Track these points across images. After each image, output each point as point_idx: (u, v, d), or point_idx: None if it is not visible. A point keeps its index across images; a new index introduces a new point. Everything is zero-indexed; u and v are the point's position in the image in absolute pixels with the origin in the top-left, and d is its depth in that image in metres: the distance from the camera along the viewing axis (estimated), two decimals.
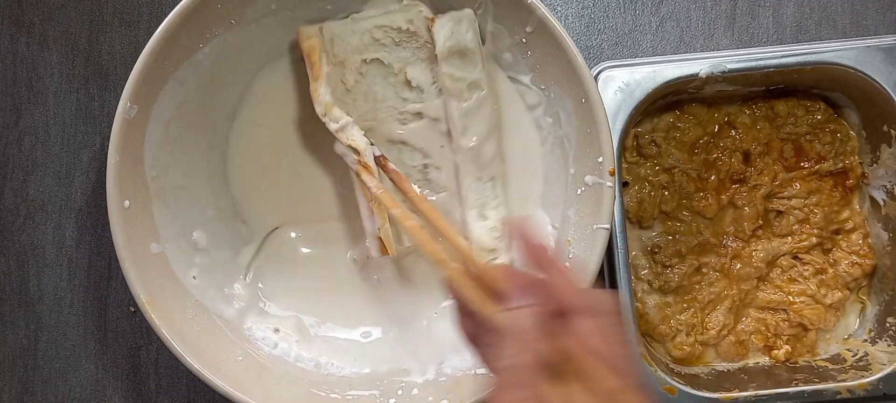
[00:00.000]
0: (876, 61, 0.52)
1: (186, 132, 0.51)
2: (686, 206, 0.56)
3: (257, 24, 0.51)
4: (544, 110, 0.52)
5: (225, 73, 0.52)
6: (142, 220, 0.49)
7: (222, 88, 0.52)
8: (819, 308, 0.55)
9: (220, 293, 0.53)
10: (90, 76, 0.59)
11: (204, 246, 0.53)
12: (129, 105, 0.47)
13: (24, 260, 0.59)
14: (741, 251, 0.56)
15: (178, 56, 0.48)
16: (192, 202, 0.53)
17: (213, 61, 0.50)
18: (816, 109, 0.56)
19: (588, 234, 0.49)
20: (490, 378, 0.35)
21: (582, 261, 0.48)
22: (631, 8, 0.60)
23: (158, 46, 0.47)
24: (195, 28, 0.48)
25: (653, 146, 0.56)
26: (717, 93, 0.56)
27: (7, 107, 0.59)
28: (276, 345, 0.53)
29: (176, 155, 0.51)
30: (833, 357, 0.55)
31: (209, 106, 0.52)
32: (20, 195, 0.59)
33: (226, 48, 0.50)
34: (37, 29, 0.60)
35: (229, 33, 0.50)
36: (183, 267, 0.51)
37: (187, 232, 0.52)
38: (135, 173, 0.49)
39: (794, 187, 0.56)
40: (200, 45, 0.49)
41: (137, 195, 0.49)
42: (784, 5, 0.59)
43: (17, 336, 0.58)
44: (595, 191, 0.48)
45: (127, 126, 0.48)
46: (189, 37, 0.48)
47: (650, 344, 0.56)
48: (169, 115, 0.50)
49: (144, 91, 0.48)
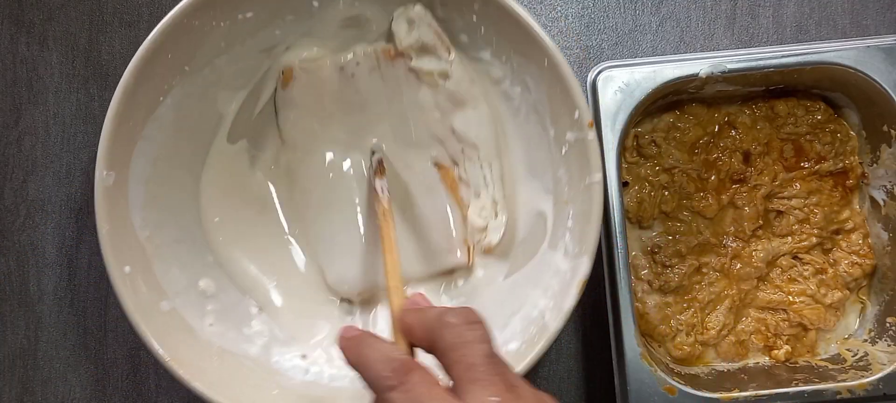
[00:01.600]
0: (876, 61, 0.52)
1: (167, 187, 0.51)
2: (686, 206, 0.56)
3: (211, 67, 0.51)
4: (511, 81, 0.52)
5: (190, 121, 0.52)
6: (146, 282, 0.49)
7: (191, 136, 0.52)
8: (819, 308, 0.55)
9: (240, 333, 0.52)
10: (90, 76, 0.59)
11: (213, 293, 0.53)
12: (105, 173, 0.47)
13: (24, 260, 0.59)
14: (741, 251, 0.56)
15: (140, 114, 0.48)
16: (190, 253, 0.52)
17: (176, 112, 0.50)
18: (816, 109, 0.56)
19: (583, 190, 0.48)
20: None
21: (585, 215, 0.48)
22: (631, 8, 0.60)
23: (120, 109, 0.47)
24: (151, 83, 0.48)
25: (653, 146, 0.56)
26: (717, 93, 0.56)
27: (7, 107, 0.59)
28: (307, 371, 0.52)
29: (163, 211, 0.51)
30: (833, 357, 0.55)
31: (182, 156, 0.52)
32: (20, 195, 0.59)
33: (185, 96, 0.50)
34: (37, 29, 0.60)
35: (186, 80, 0.50)
36: (197, 317, 0.51)
37: (193, 282, 0.52)
38: (127, 238, 0.49)
39: (794, 187, 0.56)
40: (160, 99, 0.49)
41: (136, 259, 0.49)
42: (784, 5, 0.59)
43: (17, 336, 0.58)
44: (579, 146, 0.48)
45: (108, 194, 0.47)
46: (147, 93, 0.48)
47: (650, 344, 0.56)
48: (146, 174, 0.50)
49: (116, 156, 0.48)
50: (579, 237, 0.48)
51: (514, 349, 0.49)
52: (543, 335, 0.47)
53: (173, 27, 0.47)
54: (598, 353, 0.57)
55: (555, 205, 0.51)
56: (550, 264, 0.50)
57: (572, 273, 0.48)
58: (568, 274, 0.48)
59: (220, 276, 0.53)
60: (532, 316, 0.49)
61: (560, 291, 0.48)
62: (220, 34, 0.50)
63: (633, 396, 0.50)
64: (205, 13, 0.48)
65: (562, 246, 0.50)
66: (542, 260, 0.51)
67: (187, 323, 0.50)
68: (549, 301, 0.49)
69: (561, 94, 0.48)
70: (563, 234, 0.50)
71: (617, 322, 0.51)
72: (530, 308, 0.50)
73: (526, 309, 0.50)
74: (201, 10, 0.48)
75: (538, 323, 0.49)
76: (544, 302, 0.49)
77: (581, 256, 0.47)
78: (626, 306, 0.51)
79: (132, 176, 0.49)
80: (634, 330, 0.50)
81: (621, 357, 0.51)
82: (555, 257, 0.50)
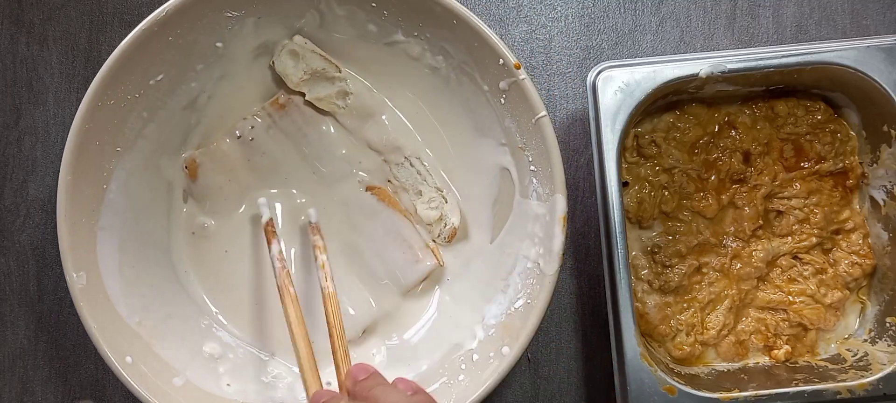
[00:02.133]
0: (876, 61, 0.52)
1: (141, 267, 0.52)
2: (686, 206, 0.56)
3: (142, 137, 0.51)
4: (431, 53, 0.53)
5: (141, 197, 0.52)
6: (151, 365, 0.49)
7: (147, 211, 0.53)
8: (819, 308, 0.55)
9: (260, 384, 0.53)
10: (90, 76, 0.59)
11: (219, 354, 0.53)
12: (75, 276, 0.48)
13: (24, 260, 0.59)
14: (741, 251, 0.56)
15: (90, 206, 0.49)
16: (186, 323, 0.53)
17: (125, 193, 0.51)
18: (816, 109, 0.56)
19: (533, 131, 0.49)
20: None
21: (543, 154, 0.49)
22: (631, 8, 0.60)
23: (67, 208, 0.47)
24: (89, 174, 0.48)
25: (653, 146, 0.56)
26: (717, 93, 0.56)
27: (7, 108, 0.59)
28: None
29: (145, 292, 0.51)
30: (833, 357, 0.55)
31: (146, 233, 0.52)
32: (20, 195, 0.59)
33: (129, 175, 0.51)
34: (37, 29, 0.60)
35: (123, 160, 0.50)
36: (212, 382, 0.51)
37: (198, 350, 0.52)
38: (119, 329, 0.49)
39: (794, 187, 0.56)
40: (104, 186, 0.50)
41: (134, 346, 0.49)
42: (784, 5, 0.59)
43: (17, 336, 0.58)
44: (515, 91, 0.49)
45: (85, 293, 0.48)
46: (89, 184, 0.49)
47: (650, 344, 0.56)
48: (117, 262, 0.50)
49: (80, 255, 0.48)
50: (545, 177, 0.49)
51: (522, 305, 0.50)
52: (543, 282, 0.49)
53: (91, 113, 0.48)
54: (598, 353, 0.57)
55: (513, 155, 0.52)
56: (528, 212, 0.51)
57: (551, 214, 0.49)
58: (547, 216, 0.49)
59: (222, 335, 0.54)
60: (528, 268, 0.50)
61: (545, 235, 0.49)
62: (139, 105, 0.50)
63: (633, 396, 0.50)
64: (116, 90, 0.48)
65: (532, 191, 0.51)
66: (519, 211, 0.52)
67: (204, 391, 0.50)
68: (539, 247, 0.50)
69: (480, 48, 0.49)
70: (530, 179, 0.51)
71: (617, 322, 0.51)
72: (523, 261, 0.51)
73: (520, 264, 0.51)
74: (112, 88, 0.48)
75: (535, 273, 0.50)
76: (534, 250, 0.50)
77: (553, 194, 0.49)
78: (626, 306, 0.51)
79: (103, 269, 0.49)
80: (634, 330, 0.50)
81: (621, 356, 0.51)
82: (530, 205, 0.51)
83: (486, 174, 0.54)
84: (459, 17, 0.48)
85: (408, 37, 0.52)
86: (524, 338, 0.48)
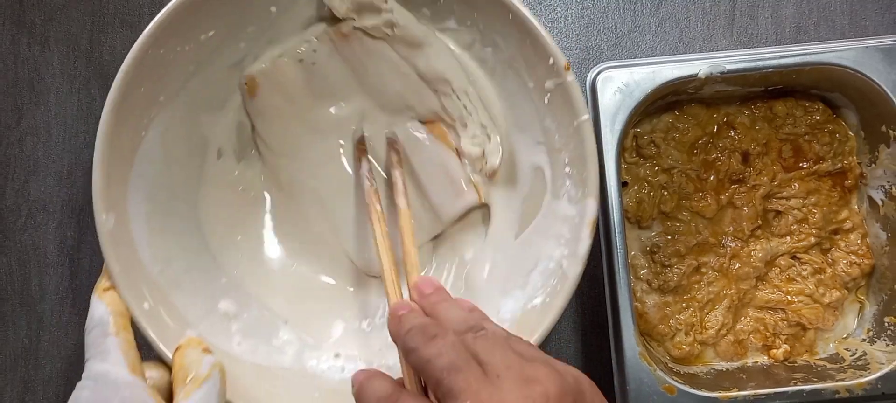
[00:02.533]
0: (875, 62, 0.52)
1: (168, 218, 0.51)
2: (685, 206, 0.56)
3: (185, 90, 0.51)
4: (481, 43, 0.52)
5: (177, 149, 0.52)
6: (167, 314, 0.49)
7: (181, 164, 0.53)
8: (817, 307, 0.56)
9: (270, 347, 0.53)
10: (92, 77, 0.60)
11: (235, 312, 0.53)
12: (104, 217, 0.47)
13: (25, 260, 0.59)
14: (740, 251, 0.56)
15: (126, 152, 0.49)
16: (205, 277, 0.53)
17: (161, 142, 0.51)
18: (815, 110, 0.56)
19: (573, 133, 0.49)
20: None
21: (580, 157, 0.48)
22: (630, 8, 0.60)
23: (105, 150, 0.47)
24: (130, 120, 0.48)
25: (652, 146, 0.56)
26: (716, 94, 0.56)
27: (8, 108, 0.59)
28: (343, 369, 0.53)
29: (169, 242, 0.51)
30: (831, 356, 0.55)
31: (177, 185, 0.52)
32: (22, 195, 0.59)
33: (168, 125, 0.51)
34: (38, 30, 0.60)
35: (164, 110, 0.50)
36: (224, 339, 0.51)
37: (213, 306, 0.52)
38: (140, 275, 0.49)
39: (793, 187, 0.56)
40: (143, 134, 0.49)
41: (152, 293, 0.49)
42: (783, 6, 0.60)
43: (18, 335, 0.58)
44: (560, 92, 0.49)
45: (112, 236, 0.47)
46: (129, 130, 0.48)
47: (649, 344, 0.56)
48: (145, 209, 0.50)
49: (112, 197, 0.48)
50: (580, 180, 0.49)
51: (539, 303, 0.49)
52: (564, 283, 0.48)
53: (139, 60, 0.47)
54: (597, 353, 0.57)
55: (549, 155, 0.51)
56: (557, 213, 0.51)
57: (580, 216, 0.48)
58: (576, 219, 0.49)
59: (238, 295, 0.54)
60: (550, 268, 0.50)
61: (572, 237, 0.49)
62: (186, 58, 0.50)
63: (633, 395, 0.50)
64: (168, 41, 0.48)
65: (564, 193, 0.50)
66: (549, 211, 0.51)
67: (216, 345, 0.50)
68: (564, 248, 0.49)
69: (532, 45, 0.49)
70: (564, 181, 0.50)
71: (616, 321, 0.51)
72: (546, 260, 0.50)
73: (542, 263, 0.50)
74: (164, 38, 0.48)
75: (557, 274, 0.49)
76: (559, 251, 0.50)
77: (586, 199, 0.48)
78: (625, 306, 0.51)
79: (132, 214, 0.49)
80: (634, 330, 0.51)
81: (621, 356, 0.51)
82: (560, 205, 0.50)
83: (519, 170, 0.54)
84: (515, 12, 0.48)
85: (461, 25, 0.52)
86: (538, 337, 0.48)
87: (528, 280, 0.51)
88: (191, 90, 0.51)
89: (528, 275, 0.51)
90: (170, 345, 0.47)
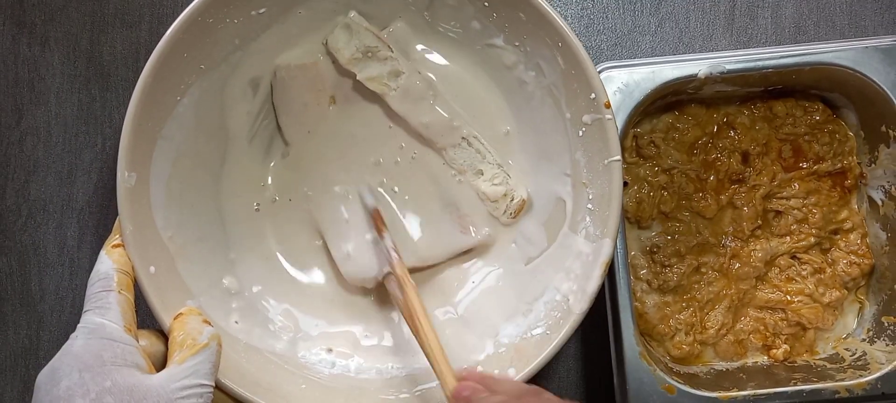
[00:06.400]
0: (874, 62, 0.52)
1: (188, 186, 0.51)
2: (685, 206, 0.56)
3: (226, 62, 0.51)
4: (524, 66, 0.52)
5: (208, 118, 0.52)
6: (170, 281, 0.49)
7: (210, 135, 0.53)
8: (817, 307, 0.56)
9: (265, 330, 0.53)
10: (92, 77, 0.60)
11: (237, 290, 0.53)
12: (126, 174, 0.47)
13: (25, 260, 0.59)
14: (740, 251, 0.56)
15: (159, 114, 0.48)
16: (213, 250, 0.52)
17: (194, 110, 0.50)
18: (815, 110, 0.56)
19: (601, 171, 0.48)
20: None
21: (605, 196, 0.48)
22: (630, 9, 0.60)
23: (139, 109, 0.47)
24: (169, 82, 0.48)
25: (652, 147, 0.56)
26: (716, 94, 0.56)
27: (9, 108, 0.59)
28: (333, 365, 0.53)
29: (184, 210, 0.51)
30: (831, 356, 0.55)
31: (202, 155, 0.52)
32: (22, 195, 0.59)
33: (203, 94, 0.51)
34: (38, 30, 0.60)
35: (202, 78, 0.50)
36: (222, 315, 0.51)
37: (217, 280, 0.52)
38: (151, 238, 0.49)
39: (793, 187, 0.56)
40: (178, 98, 0.49)
41: (160, 258, 0.49)
42: (783, 6, 0.60)
43: (18, 335, 0.58)
44: (596, 128, 0.48)
45: (130, 194, 0.47)
46: (165, 92, 0.48)
47: (649, 343, 0.56)
48: (167, 174, 0.50)
49: (137, 156, 0.48)
50: (601, 219, 0.48)
51: (540, 334, 0.49)
52: (568, 318, 0.48)
53: (188, 25, 0.47)
54: (597, 353, 0.57)
55: (573, 188, 0.51)
56: (572, 247, 0.50)
57: (595, 255, 0.48)
58: (590, 257, 0.49)
59: (243, 273, 0.54)
60: (556, 300, 0.50)
61: (583, 274, 0.49)
62: (233, 31, 0.50)
63: (633, 395, 0.50)
64: (219, 10, 0.48)
65: (582, 228, 0.50)
66: (563, 243, 0.51)
67: (213, 320, 0.50)
68: (573, 284, 0.49)
69: (577, 77, 0.48)
70: (584, 217, 0.50)
71: (616, 321, 0.51)
72: (553, 292, 0.50)
73: (549, 294, 0.50)
74: (215, 7, 0.48)
75: (562, 307, 0.49)
76: (567, 285, 0.49)
77: (603, 238, 0.48)
78: (625, 305, 0.51)
79: (153, 176, 0.49)
80: (633, 330, 0.51)
81: (620, 356, 0.51)
82: (576, 240, 0.50)
83: (540, 198, 0.54)
84: (567, 43, 0.48)
85: (508, 44, 0.52)
86: (533, 368, 0.48)
87: (531, 308, 0.51)
88: (232, 63, 0.51)
89: (532, 303, 0.51)
90: (169, 313, 0.47)
